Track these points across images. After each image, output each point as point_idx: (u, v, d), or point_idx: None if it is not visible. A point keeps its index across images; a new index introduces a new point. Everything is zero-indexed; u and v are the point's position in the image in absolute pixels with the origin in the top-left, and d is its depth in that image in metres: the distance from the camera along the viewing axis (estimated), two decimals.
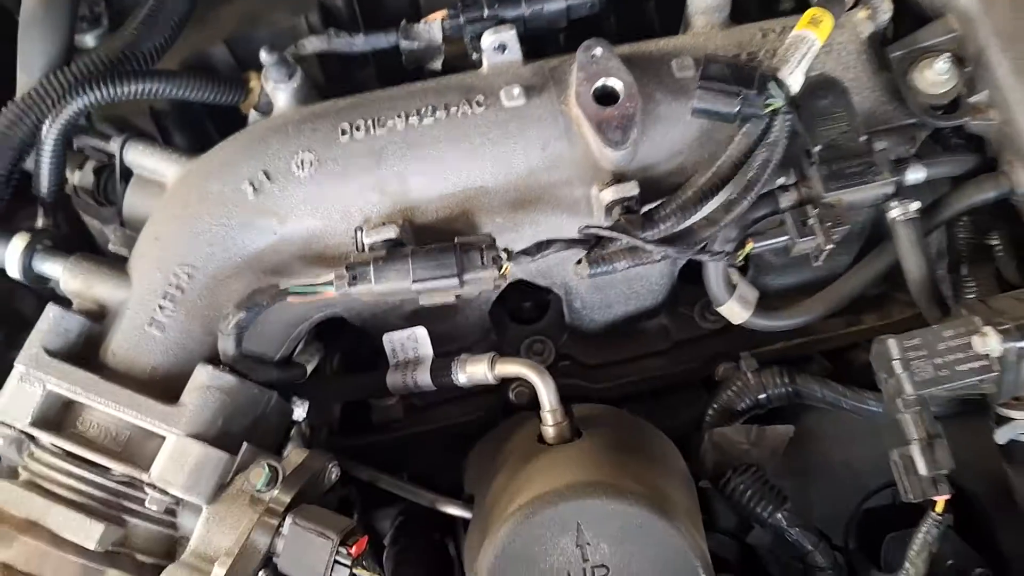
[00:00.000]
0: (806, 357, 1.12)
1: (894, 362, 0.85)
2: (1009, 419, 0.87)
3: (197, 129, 1.16)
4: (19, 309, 1.18)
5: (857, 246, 1.08)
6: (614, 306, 1.12)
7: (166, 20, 1.04)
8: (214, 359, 0.87)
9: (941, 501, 0.85)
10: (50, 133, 0.96)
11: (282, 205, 0.90)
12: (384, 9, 1.19)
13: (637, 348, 1.18)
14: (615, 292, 1.09)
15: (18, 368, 0.86)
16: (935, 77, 0.92)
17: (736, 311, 0.97)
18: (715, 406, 1.00)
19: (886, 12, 0.98)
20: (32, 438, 0.87)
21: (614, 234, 0.85)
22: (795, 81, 0.90)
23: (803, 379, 0.99)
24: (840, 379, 1.04)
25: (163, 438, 0.84)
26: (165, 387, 0.87)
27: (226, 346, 0.86)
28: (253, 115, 1.03)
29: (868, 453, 1.00)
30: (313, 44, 1.00)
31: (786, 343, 1.10)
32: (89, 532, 0.84)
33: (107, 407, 0.85)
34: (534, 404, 0.92)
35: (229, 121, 1.09)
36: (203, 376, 0.85)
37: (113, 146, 1.01)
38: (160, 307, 0.89)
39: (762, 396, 1.00)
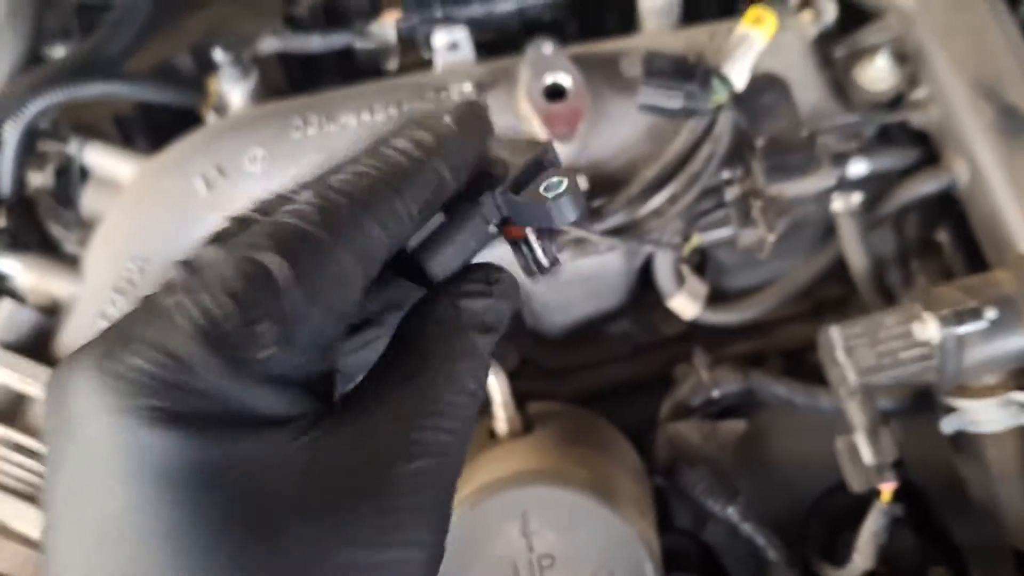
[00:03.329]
0: (763, 357, 1.13)
1: (837, 350, 0.85)
2: (953, 408, 0.87)
3: (161, 135, 1.18)
4: None
5: (812, 248, 1.09)
6: (574, 307, 1.13)
7: (130, 27, 1.07)
8: None
9: (887, 490, 0.85)
10: (12, 133, 0.98)
11: (234, 200, 0.91)
12: (349, 20, 1.22)
13: (600, 352, 1.19)
14: (574, 292, 1.10)
15: None
16: (876, 73, 0.94)
17: (686, 305, 0.98)
18: (669, 403, 1.01)
19: (830, 14, 1.00)
20: None
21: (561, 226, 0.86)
22: (738, 77, 0.92)
23: (756, 376, 1.00)
24: (795, 378, 1.04)
25: None
26: None
27: None
28: (211, 117, 1.05)
29: (823, 450, 1.01)
30: (270, 44, 1.02)
31: (745, 344, 1.11)
32: (39, 523, 0.84)
33: None
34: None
35: (194, 128, 1.11)
36: None
37: (72, 148, 1.02)
38: (111, 300, 0.90)
39: (716, 392, 1.00)
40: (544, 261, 0.40)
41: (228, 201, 0.91)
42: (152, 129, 1.18)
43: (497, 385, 0.91)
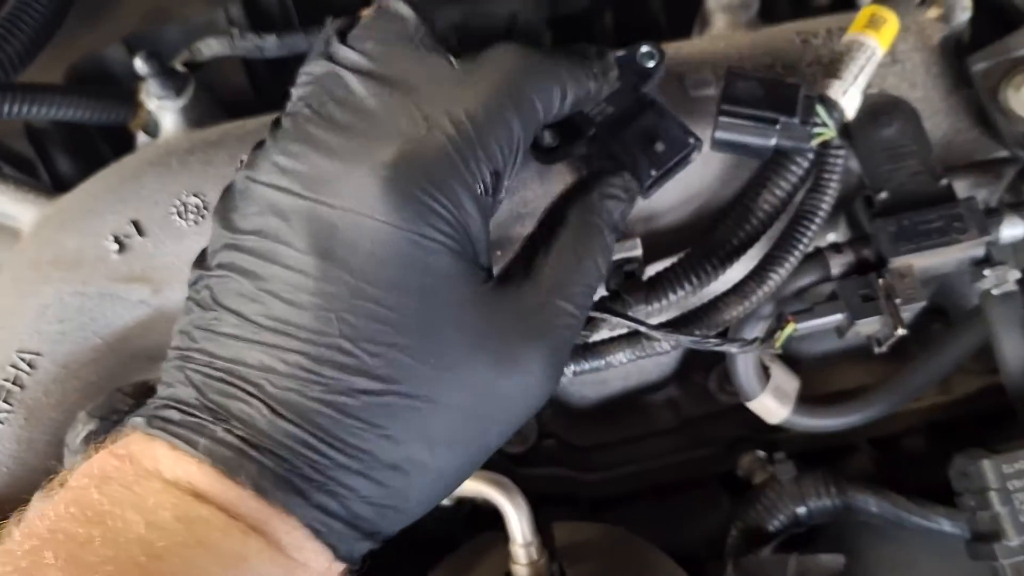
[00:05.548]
0: (849, 445, 0.89)
1: (991, 494, 0.62)
2: None
3: (87, 152, 0.93)
4: None
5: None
6: (610, 382, 0.90)
7: (34, 15, 0.81)
8: None
9: None
10: None
11: (156, 267, 0.66)
12: (324, 3, 0.96)
13: (639, 426, 0.95)
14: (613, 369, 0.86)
15: None
16: None
17: (771, 408, 0.74)
18: (740, 524, 0.77)
19: (964, 11, 0.75)
20: None
21: (603, 314, 0.62)
22: (850, 103, 0.66)
23: (855, 490, 0.76)
24: (895, 478, 0.81)
25: None
26: None
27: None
28: (141, 138, 0.80)
29: None
30: (212, 47, 0.77)
31: None
32: None
33: None
34: None
35: (128, 141, 0.86)
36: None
37: None
38: None
39: (801, 510, 0.77)
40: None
41: (149, 268, 0.67)
42: (76, 145, 0.93)
43: (517, 520, 0.67)
